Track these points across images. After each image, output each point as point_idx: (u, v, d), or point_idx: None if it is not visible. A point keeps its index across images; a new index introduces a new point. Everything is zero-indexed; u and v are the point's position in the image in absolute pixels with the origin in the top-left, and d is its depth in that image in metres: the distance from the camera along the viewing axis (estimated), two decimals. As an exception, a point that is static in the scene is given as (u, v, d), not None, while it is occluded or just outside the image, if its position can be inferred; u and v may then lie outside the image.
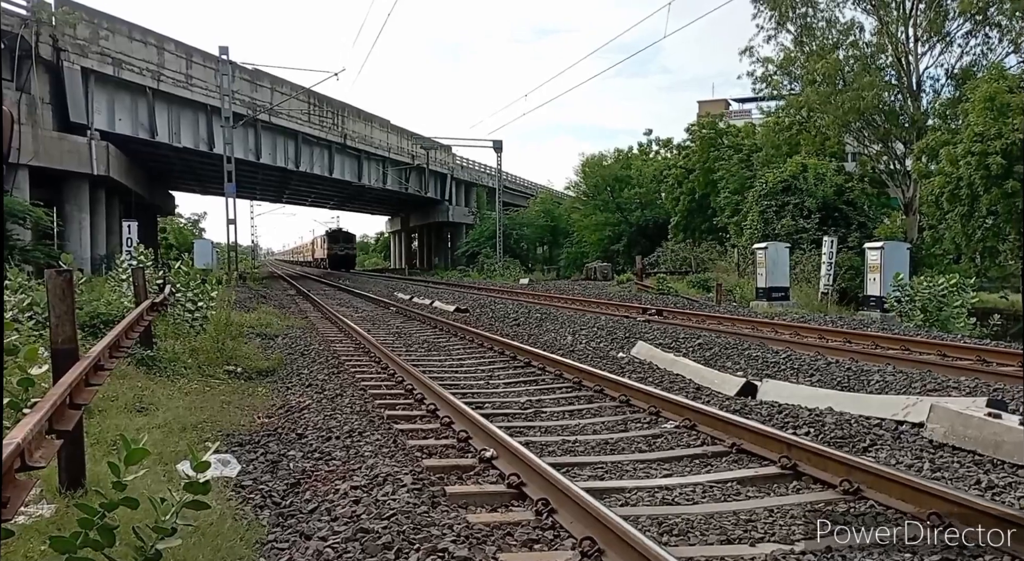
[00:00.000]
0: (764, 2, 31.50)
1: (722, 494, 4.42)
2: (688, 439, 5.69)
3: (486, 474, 4.85)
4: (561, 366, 8.79)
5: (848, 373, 8.01)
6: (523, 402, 7.29)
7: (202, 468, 3.13)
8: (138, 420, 6.07)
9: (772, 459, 4.85)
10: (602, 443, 5.66)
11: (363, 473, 4.80)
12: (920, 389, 7.04)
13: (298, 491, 4.58)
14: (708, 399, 7.07)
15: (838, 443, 5.29)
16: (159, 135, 31.89)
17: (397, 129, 51.12)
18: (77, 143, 27.14)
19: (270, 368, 9.51)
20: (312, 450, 5.50)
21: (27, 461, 2.69)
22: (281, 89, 38.11)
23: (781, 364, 8.81)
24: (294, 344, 12.04)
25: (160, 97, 31.60)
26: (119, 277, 12.78)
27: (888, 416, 5.82)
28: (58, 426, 3.30)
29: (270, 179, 47.01)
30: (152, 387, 7.43)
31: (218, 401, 7.29)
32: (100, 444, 5.11)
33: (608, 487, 4.51)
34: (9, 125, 2.19)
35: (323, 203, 69.64)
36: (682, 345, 10.49)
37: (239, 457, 5.29)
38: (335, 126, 43.52)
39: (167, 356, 8.90)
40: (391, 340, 12.35)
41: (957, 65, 30.42)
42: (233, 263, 34.91)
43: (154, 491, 3.62)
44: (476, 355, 10.69)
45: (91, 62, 27.91)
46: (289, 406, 7.19)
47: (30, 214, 21.32)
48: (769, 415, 6.24)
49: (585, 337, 12.06)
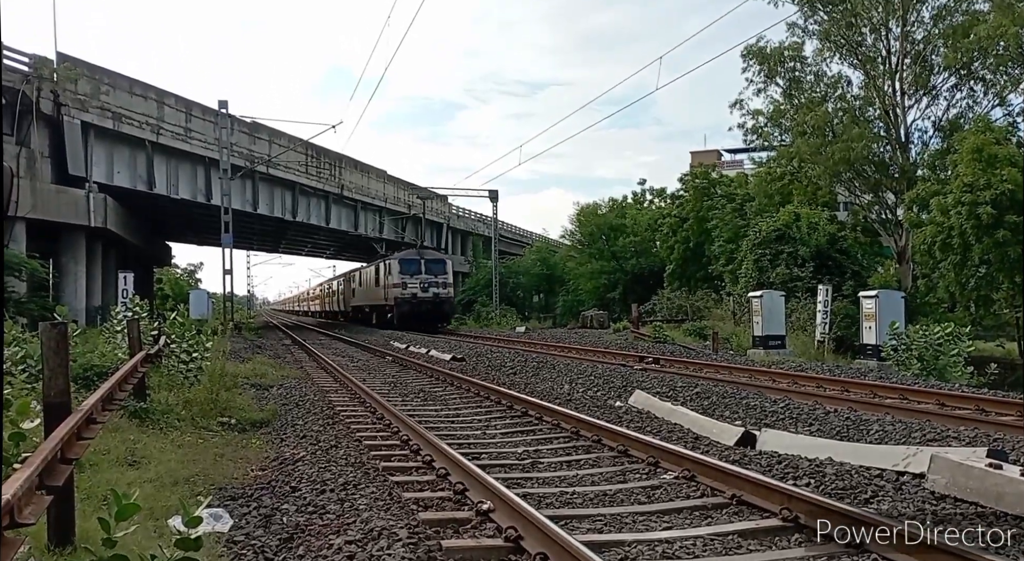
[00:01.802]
0: (753, 57, 32.30)
1: (723, 547, 4.35)
2: (688, 490, 5.61)
3: (483, 527, 4.77)
4: (558, 415, 8.71)
5: (847, 422, 7.95)
6: (520, 452, 7.20)
7: (194, 523, 3.08)
8: (130, 474, 5.97)
9: (773, 511, 4.78)
10: (601, 494, 5.58)
11: (357, 527, 4.72)
12: (920, 439, 6.98)
13: (291, 546, 4.49)
14: (707, 449, 7.00)
15: (839, 494, 5.23)
16: (157, 187, 32.15)
17: (393, 179, 51.64)
18: (75, 196, 27.33)
19: (264, 419, 9.40)
20: (306, 503, 5.41)
21: (16, 518, 2.64)
22: (279, 141, 38.60)
23: (779, 413, 8.75)
24: (289, 394, 11.94)
25: (159, 150, 31.96)
26: (114, 328, 12.74)
27: (889, 467, 5.76)
28: (48, 482, 3.25)
29: (267, 229, 47.23)
30: (144, 440, 7.33)
31: (211, 454, 7.19)
32: (91, 499, 5.02)
33: (607, 540, 4.43)
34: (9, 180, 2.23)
35: (320, 253, 69.78)
36: (680, 394, 10.43)
37: (232, 511, 5.20)
38: (332, 177, 43.95)
39: (160, 408, 8.80)
40: (387, 390, 12.26)
41: (944, 117, 31.10)
42: (229, 313, 34.81)
43: (145, 547, 3.55)
44: (472, 405, 10.60)
45: (91, 116, 28.29)
46: (283, 458, 7.09)
47: (26, 266, 21.36)
48: (769, 466, 6.17)
49: (582, 386, 11.99)
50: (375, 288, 37.82)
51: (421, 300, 33.38)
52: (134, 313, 12.82)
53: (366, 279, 41.70)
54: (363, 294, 42.06)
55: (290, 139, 38.83)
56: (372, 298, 38.64)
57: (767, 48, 32.05)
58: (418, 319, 32.82)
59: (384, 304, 35.46)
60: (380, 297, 36.33)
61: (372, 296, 38.53)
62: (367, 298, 40.60)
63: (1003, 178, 22.47)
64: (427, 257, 34.85)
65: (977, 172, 23.03)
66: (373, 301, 38.48)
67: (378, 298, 36.87)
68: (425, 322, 32.73)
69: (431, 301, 33.58)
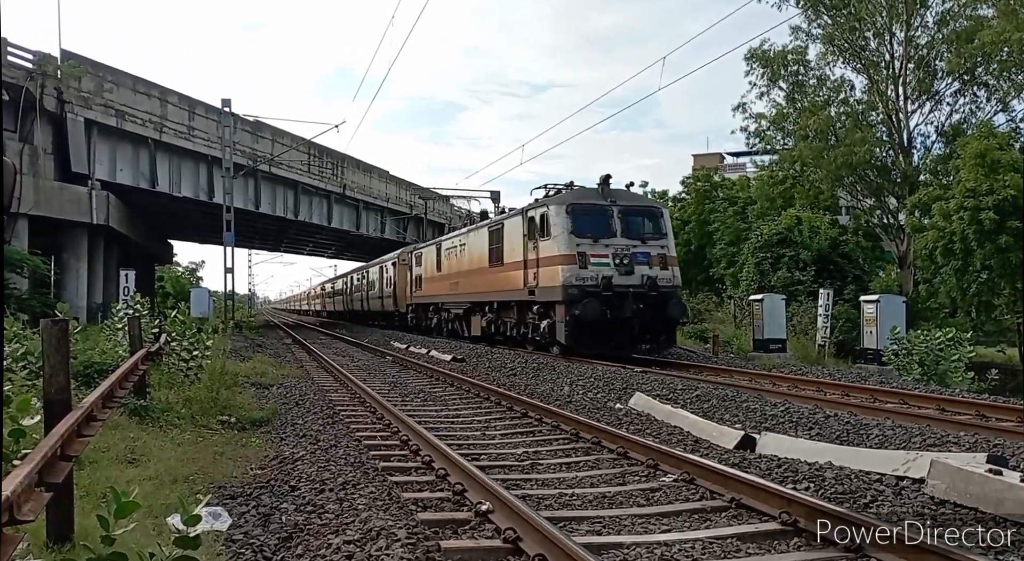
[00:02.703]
0: (756, 60, 32.32)
1: (722, 550, 4.34)
2: (687, 493, 5.61)
3: (482, 528, 4.77)
4: (558, 417, 8.71)
5: (847, 427, 7.94)
6: (519, 454, 7.20)
7: (193, 522, 3.08)
8: (129, 472, 5.97)
9: (772, 514, 4.77)
10: (600, 496, 5.58)
11: (356, 527, 4.72)
12: (920, 444, 6.97)
13: (290, 546, 4.49)
14: (707, 452, 7.00)
15: (839, 499, 5.22)
16: (160, 185, 32.17)
17: (396, 179, 51.66)
18: (78, 193, 27.35)
19: (264, 418, 9.40)
20: (305, 503, 5.40)
21: (15, 515, 2.64)
22: (282, 140, 38.63)
23: (779, 417, 8.74)
24: (289, 394, 11.94)
25: (161, 148, 31.98)
26: (115, 326, 12.75)
27: (888, 471, 5.76)
28: (48, 479, 3.25)
29: (269, 228, 47.27)
30: (144, 438, 7.33)
31: (211, 452, 7.19)
32: (90, 496, 5.02)
33: (606, 542, 4.43)
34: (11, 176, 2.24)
35: (321, 252, 69.78)
36: (680, 396, 10.42)
37: (231, 510, 5.19)
38: (334, 176, 43.97)
39: (160, 406, 8.81)
40: (387, 390, 12.26)
41: (947, 123, 31.14)
42: (230, 312, 34.83)
43: (143, 545, 3.54)
44: (472, 405, 10.60)
45: (94, 113, 28.33)
46: (283, 457, 7.09)
47: (27, 262, 21.38)
48: (768, 469, 6.17)
49: (582, 388, 11.98)
50: (476, 272, 21.16)
51: (622, 291, 15.63)
52: (135, 311, 12.82)
53: (433, 259, 26.19)
54: (436, 283, 25.98)
55: (293, 138, 38.86)
56: (466, 289, 22.22)
57: (770, 51, 32.07)
58: (617, 333, 15.82)
59: (515, 301, 18.52)
60: (496, 286, 19.30)
61: (467, 286, 22.00)
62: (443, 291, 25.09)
63: (1005, 183, 22.49)
64: (622, 203, 16.82)
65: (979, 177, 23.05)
66: (466, 296, 22.33)
67: (487, 288, 20.17)
68: (629, 338, 16.06)
69: (643, 295, 15.76)
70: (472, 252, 22.16)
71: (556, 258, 16.03)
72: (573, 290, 15.47)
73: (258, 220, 41.54)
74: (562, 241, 16.07)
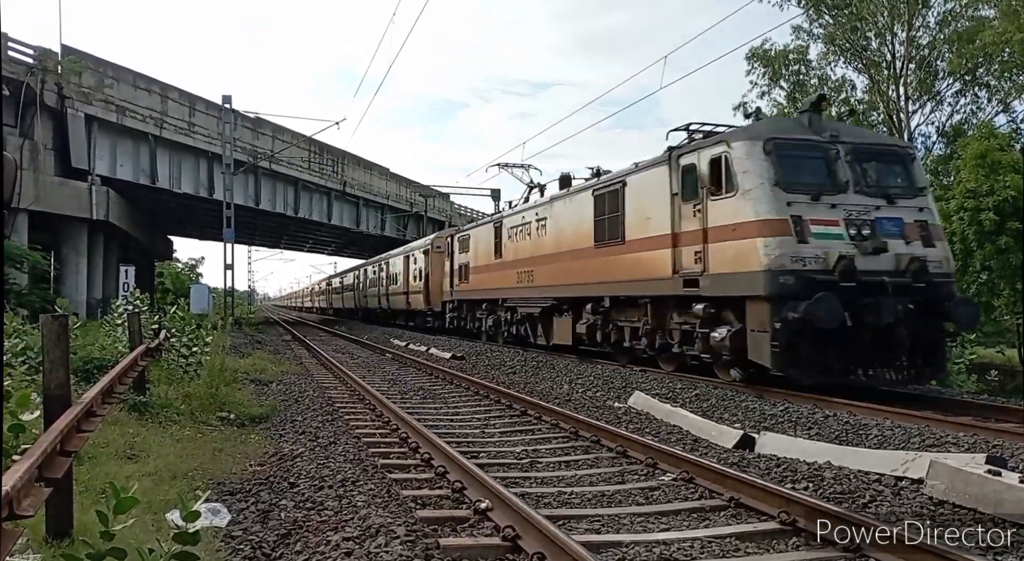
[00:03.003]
0: (757, 59, 32.28)
1: (720, 550, 4.34)
2: (686, 492, 5.61)
3: (481, 526, 4.77)
4: (557, 415, 8.71)
5: (846, 427, 7.94)
6: (519, 452, 7.20)
7: (192, 518, 3.08)
8: (128, 467, 5.97)
9: (771, 514, 4.78)
10: (599, 495, 5.58)
11: (355, 524, 4.72)
12: (919, 444, 6.97)
13: (288, 542, 4.49)
14: (706, 451, 7.00)
15: (838, 498, 5.23)
16: (160, 181, 32.16)
17: (396, 177, 51.64)
18: (78, 188, 27.35)
19: (263, 415, 9.40)
20: (304, 500, 5.41)
21: (15, 510, 2.64)
22: (282, 137, 38.61)
23: (779, 416, 8.74)
24: (288, 390, 11.94)
25: (162, 144, 31.97)
26: (114, 322, 12.75)
27: (887, 471, 5.76)
28: (48, 474, 3.25)
29: (269, 225, 47.26)
30: (144, 434, 7.33)
31: (210, 448, 7.19)
32: (89, 492, 5.02)
33: (605, 541, 4.43)
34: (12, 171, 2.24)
35: (321, 249, 69.80)
36: (679, 396, 10.42)
37: (230, 506, 5.19)
38: (335, 173, 43.95)
39: (160, 402, 8.81)
40: (386, 387, 12.26)
41: (948, 123, 31.10)
42: (229, 308, 34.83)
43: (142, 541, 3.54)
44: (472, 403, 10.60)
45: (95, 109, 28.32)
46: (282, 454, 7.09)
47: (27, 258, 21.40)
48: (767, 469, 6.17)
49: (582, 386, 11.98)
50: (568, 255, 15.67)
51: (872, 281, 9.66)
52: (135, 307, 12.82)
53: (489, 241, 20.57)
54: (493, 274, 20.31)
55: (293, 135, 38.83)
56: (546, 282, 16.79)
57: (772, 51, 32.05)
58: (868, 350, 9.81)
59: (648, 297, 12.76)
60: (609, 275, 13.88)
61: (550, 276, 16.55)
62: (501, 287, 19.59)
63: (1006, 184, 22.46)
64: (850, 139, 10.95)
65: (980, 178, 23.01)
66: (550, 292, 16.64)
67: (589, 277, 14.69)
68: (887, 357, 9.97)
69: (906, 287, 9.75)
70: (559, 228, 16.26)
71: (750, 227, 10.10)
72: (787, 278, 9.59)
73: (258, 217, 41.52)
74: (762, 198, 10.08)
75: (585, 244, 14.91)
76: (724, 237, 10.61)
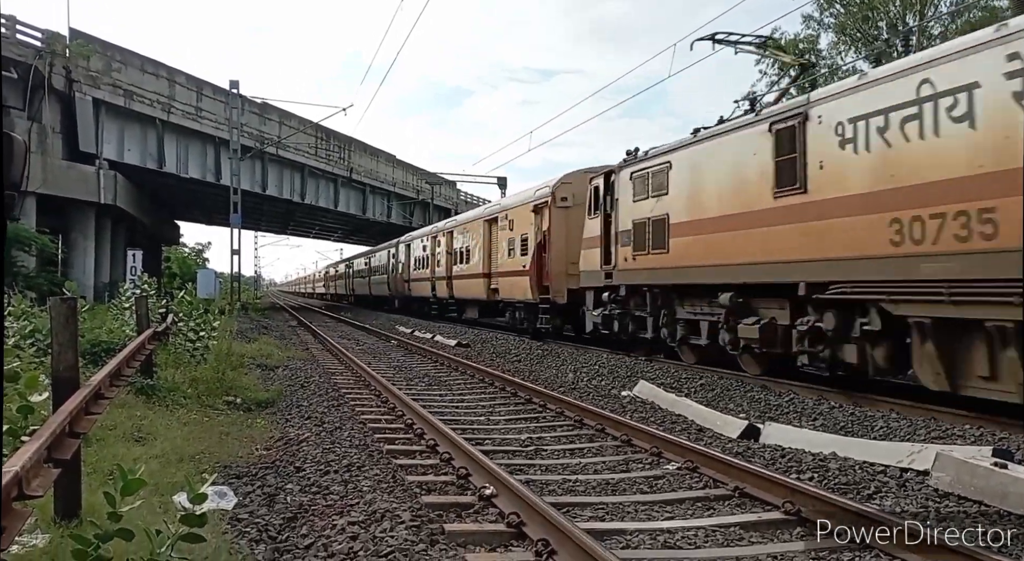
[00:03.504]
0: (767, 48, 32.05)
1: (725, 539, 4.35)
2: (690, 481, 5.61)
3: (485, 512, 4.79)
4: (562, 404, 8.73)
5: (851, 418, 7.94)
6: (523, 439, 7.22)
7: (199, 500, 3.09)
8: (136, 450, 6.01)
9: (776, 504, 4.78)
10: (603, 483, 5.59)
11: (361, 508, 4.75)
12: (924, 436, 6.96)
13: (295, 526, 4.52)
14: (711, 441, 7.00)
15: (842, 489, 5.22)
16: (167, 165, 32.21)
17: (402, 164, 51.61)
18: (85, 172, 27.42)
19: (270, 399, 9.45)
20: (310, 484, 5.44)
21: (25, 490, 2.66)
22: (289, 123, 38.59)
23: (784, 407, 8.74)
24: (294, 376, 11.99)
25: (169, 128, 31.99)
26: (122, 305, 12.79)
27: (893, 463, 5.76)
28: (56, 455, 3.27)
29: (275, 210, 47.31)
30: (151, 417, 7.38)
31: (216, 432, 7.23)
32: (96, 474, 5.06)
33: (609, 529, 4.44)
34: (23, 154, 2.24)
35: (327, 235, 69.89)
36: (684, 385, 10.42)
37: (236, 489, 5.23)
38: (341, 160, 43.93)
39: (167, 385, 8.86)
40: (392, 373, 12.29)
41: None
42: (236, 293, 34.92)
43: (150, 522, 3.56)
44: (477, 390, 10.62)
45: (103, 93, 28.34)
46: (288, 438, 7.13)
47: (35, 241, 21.49)
48: (772, 459, 6.17)
49: (587, 374, 11.99)
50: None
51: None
52: (142, 290, 12.86)
53: (683, 185, 11.92)
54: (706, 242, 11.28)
55: (300, 121, 38.80)
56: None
57: (781, 40, 31.80)
58: None
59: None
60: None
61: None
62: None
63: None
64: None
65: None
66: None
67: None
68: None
69: None
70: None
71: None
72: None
73: (265, 202, 41.57)
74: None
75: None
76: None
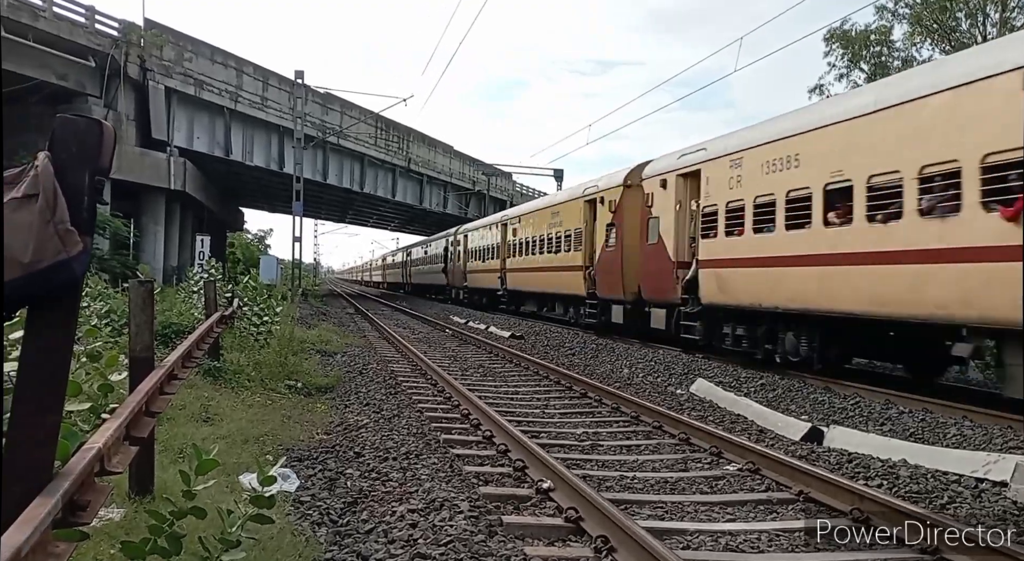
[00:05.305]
0: (836, 40, 31.02)
1: (789, 544, 4.24)
2: (752, 483, 5.50)
3: (543, 506, 4.78)
4: (618, 399, 8.65)
5: (922, 424, 7.65)
6: (579, 434, 7.18)
7: (268, 482, 3.16)
8: (204, 430, 6.19)
9: (843, 510, 4.64)
10: (661, 481, 5.52)
11: (420, 496, 4.79)
12: (1001, 446, 6.66)
13: (355, 510, 4.59)
14: (772, 443, 6.85)
15: (913, 498, 5.04)
16: (233, 153, 33.06)
17: (459, 155, 51.83)
18: (157, 159, 28.34)
19: (329, 385, 9.63)
20: (369, 470, 5.51)
21: (106, 466, 2.75)
22: (350, 113, 39.13)
23: (849, 410, 8.49)
24: (352, 362, 12.19)
25: (236, 117, 32.80)
26: (190, 289, 13.18)
27: (967, 472, 5.52)
28: (134, 433, 3.37)
29: (335, 199, 48.08)
30: (217, 398, 7.59)
31: (279, 415, 7.40)
32: (167, 451, 5.22)
33: (669, 528, 4.38)
34: (112, 140, 2.32)
35: (384, 225, 70.74)
36: (743, 385, 10.22)
37: (298, 472, 5.34)
38: (400, 150, 44.37)
39: (232, 368, 9.11)
40: (447, 363, 12.39)
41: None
42: (297, 279, 35.70)
43: (218, 501, 3.67)
44: (531, 383, 10.62)
45: (175, 82, 29.22)
46: (347, 424, 7.25)
47: (109, 225, 22.35)
48: (838, 463, 6.00)
49: (642, 370, 11.87)
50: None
51: None
52: (210, 275, 13.24)
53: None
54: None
55: (361, 111, 39.30)
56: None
57: (852, 31, 30.75)
58: None
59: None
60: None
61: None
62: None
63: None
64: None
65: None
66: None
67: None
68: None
69: None
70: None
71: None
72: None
73: (325, 191, 42.29)
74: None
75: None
76: None
